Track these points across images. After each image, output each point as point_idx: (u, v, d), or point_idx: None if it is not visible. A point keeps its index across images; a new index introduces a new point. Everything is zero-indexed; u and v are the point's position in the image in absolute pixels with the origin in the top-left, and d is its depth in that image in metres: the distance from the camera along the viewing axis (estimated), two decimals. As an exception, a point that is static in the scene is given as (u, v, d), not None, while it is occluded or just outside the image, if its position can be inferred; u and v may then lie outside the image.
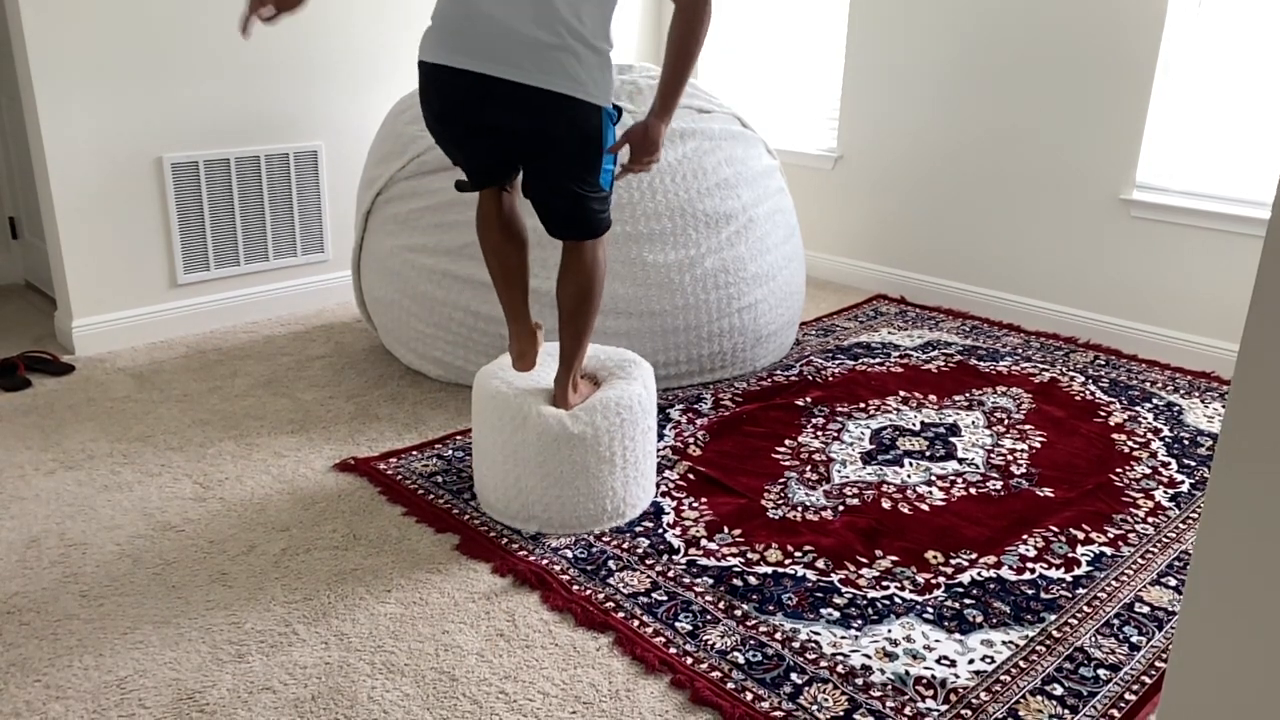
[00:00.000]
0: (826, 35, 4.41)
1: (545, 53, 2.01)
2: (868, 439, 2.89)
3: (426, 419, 2.99)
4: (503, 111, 2.06)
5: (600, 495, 2.37)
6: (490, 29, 2.01)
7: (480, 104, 2.07)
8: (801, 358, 3.53)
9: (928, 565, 2.27)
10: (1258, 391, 0.95)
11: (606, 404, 2.35)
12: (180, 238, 3.57)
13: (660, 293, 3.09)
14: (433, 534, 2.38)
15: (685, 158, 3.20)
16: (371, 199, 3.25)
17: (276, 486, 2.59)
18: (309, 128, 3.83)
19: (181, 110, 3.49)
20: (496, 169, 2.26)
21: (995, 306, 4.04)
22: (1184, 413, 3.14)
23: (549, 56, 2.01)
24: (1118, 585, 2.22)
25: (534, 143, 2.12)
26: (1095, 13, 3.55)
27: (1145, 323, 3.66)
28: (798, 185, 4.58)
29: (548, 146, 2.11)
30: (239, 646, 1.96)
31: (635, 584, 2.17)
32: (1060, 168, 3.76)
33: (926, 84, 4.07)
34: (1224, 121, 3.38)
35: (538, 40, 2.00)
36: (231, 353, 3.49)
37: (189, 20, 3.43)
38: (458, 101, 2.10)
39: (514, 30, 2.00)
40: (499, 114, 2.07)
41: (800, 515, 2.47)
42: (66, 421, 2.93)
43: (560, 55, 2.01)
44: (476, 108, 2.08)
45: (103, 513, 2.44)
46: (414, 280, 3.12)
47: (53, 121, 3.22)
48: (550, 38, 2.01)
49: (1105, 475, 2.71)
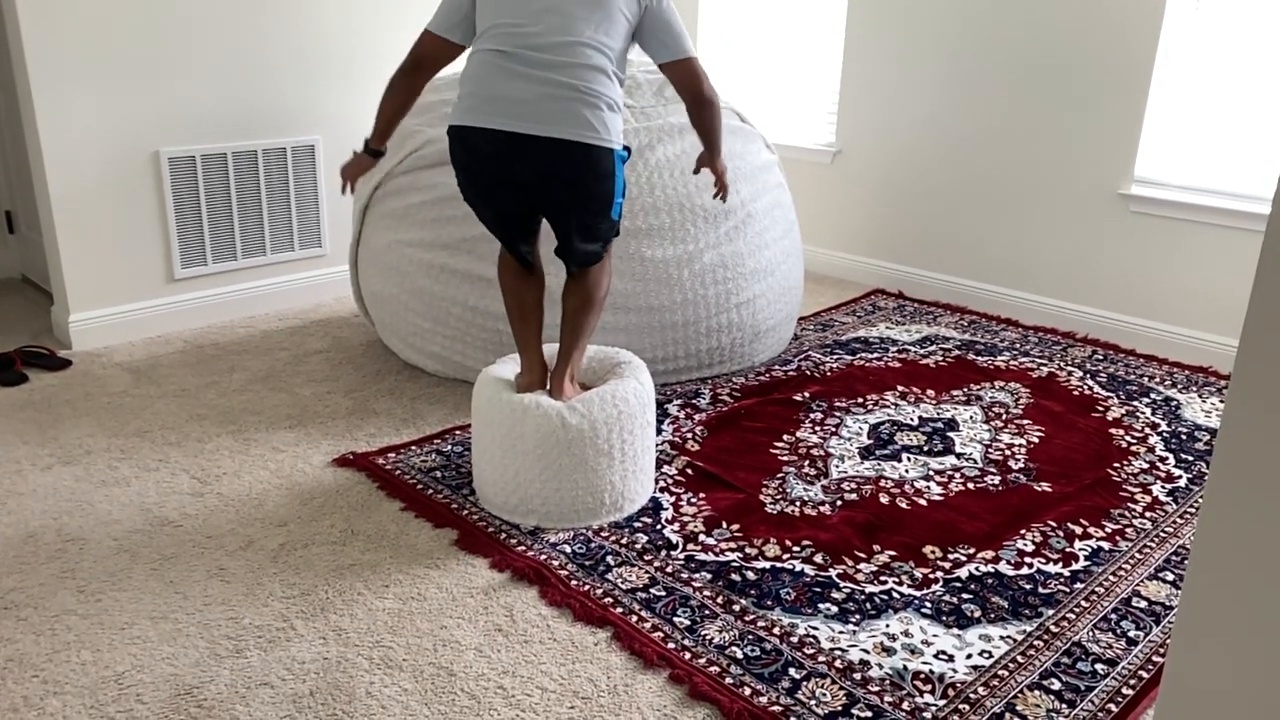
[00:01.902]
0: (825, 30, 4.41)
1: (562, 107, 2.23)
2: (866, 434, 2.89)
3: (424, 414, 2.99)
4: (527, 162, 2.26)
5: (599, 489, 2.37)
6: (512, 96, 2.24)
7: (508, 159, 2.27)
8: (800, 353, 3.52)
9: (926, 560, 2.27)
10: (1257, 386, 0.95)
11: (604, 397, 2.35)
12: (177, 232, 3.56)
13: (659, 288, 3.08)
14: (431, 529, 2.37)
15: (684, 153, 3.19)
16: (369, 194, 3.24)
17: (274, 482, 2.58)
18: (306, 122, 3.82)
19: (178, 104, 3.48)
20: (521, 222, 2.41)
21: (993, 301, 4.04)
22: (1182, 407, 3.14)
23: (566, 111, 2.23)
24: (1115, 580, 2.23)
25: (556, 187, 2.29)
26: (1094, 9, 3.55)
27: (1143, 317, 3.66)
28: (796, 180, 4.57)
29: (568, 187, 2.29)
30: (237, 642, 1.96)
31: (633, 579, 2.17)
32: (1059, 163, 3.76)
33: (925, 79, 4.06)
34: (1222, 117, 3.38)
35: (554, 98, 2.23)
36: (229, 348, 3.49)
37: (186, 14, 3.42)
38: (487, 156, 2.28)
39: (533, 97, 2.23)
40: (524, 165, 2.26)
41: (798, 510, 2.47)
42: (64, 417, 2.93)
43: (576, 107, 2.23)
44: (505, 162, 2.27)
45: (100, 508, 2.44)
46: (412, 275, 3.12)
47: (49, 115, 3.21)
48: (567, 95, 2.23)
49: (1103, 470, 2.72)
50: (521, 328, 2.50)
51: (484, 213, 2.43)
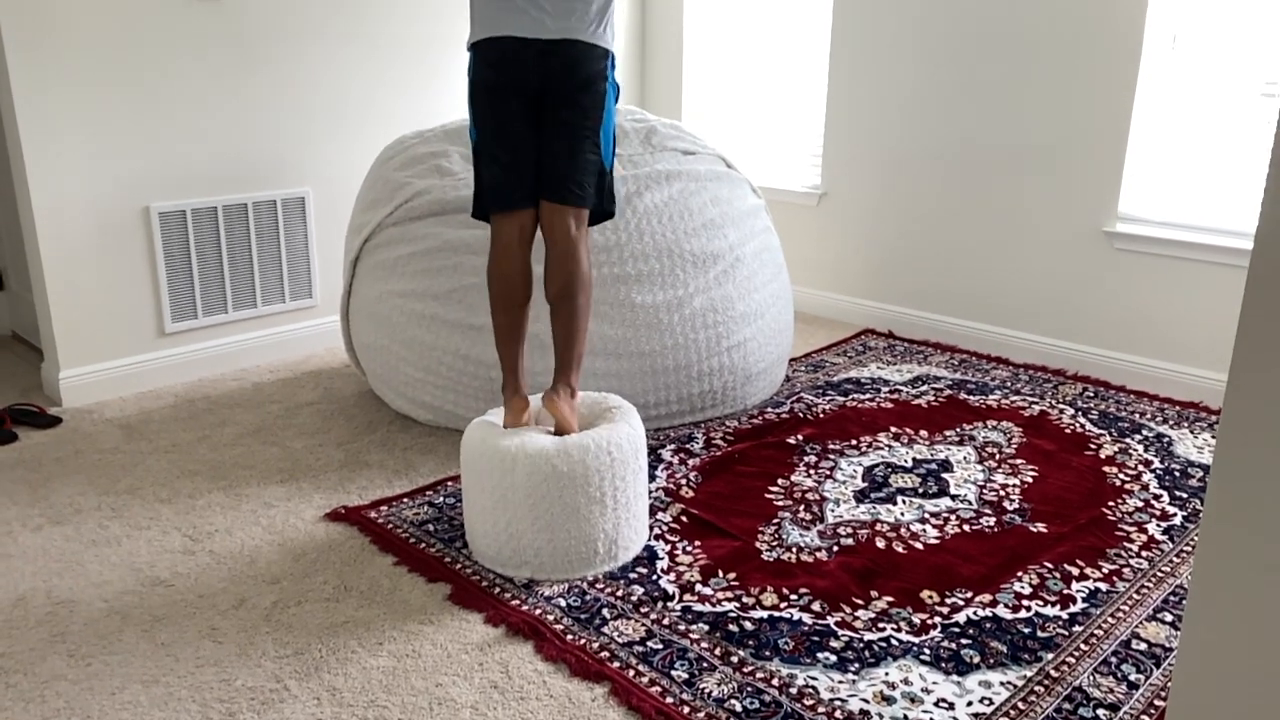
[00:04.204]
0: (808, 74, 4.46)
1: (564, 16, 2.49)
2: (860, 476, 2.89)
3: (416, 465, 2.98)
4: (543, 59, 2.50)
5: (592, 538, 2.36)
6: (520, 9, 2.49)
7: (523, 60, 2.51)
8: (792, 394, 3.53)
9: (923, 605, 2.26)
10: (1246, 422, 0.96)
11: (597, 443, 2.34)
12: (168, 286, 3.57)
13: (649, 333, 3.09)
14: (424, 583, 2.36)
15: (671, 199, 3.22)
16: (359, 245, 3.25)
17: (266, 538, 2.56)
18: (297, 174, 3.84)
19: (169, 159, 3.50)
20: (524, 145, 2.54)
21: (983, 339, 4.05)
22: (1174, 444, 3.14)
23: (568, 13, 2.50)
24: (1114, 622, 2.22)
25: (557, 80, 2.51)
26: (1072, 51, 3.60)
27: (1133, 353, 3.68)
28: (784, 222, 4.61)
29: (566, 80, 2.51)
30: (230, 705, 1.93)
31: (630, 632, 2.16)
32: (1043, 201, 3.80)
33: (908, 121, 4.11)
34: (1202, 153, 3.42)
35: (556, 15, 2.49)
36: (220, 401, 3.48)
37: (176, 69, 3.45)
38: (508, 59, 2.51)
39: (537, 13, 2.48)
40: (531, 68, 2.51)
41: (795, 557, 2.46)
42: (54, 475, 2.91)
43: (575, 20, 2.50)
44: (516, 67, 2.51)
45: (91, 569, 2.41)
46: (403, 325, 3.12)
47: (40, 172, 3.23)
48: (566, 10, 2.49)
49: (1098, 509, 2.72)
50: (508, 331, 2.56)
51: (494, 140, 2.54)
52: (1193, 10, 3.36)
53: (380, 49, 3.98)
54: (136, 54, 3.36)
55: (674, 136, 3.45)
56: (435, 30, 4.12)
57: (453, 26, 4.14)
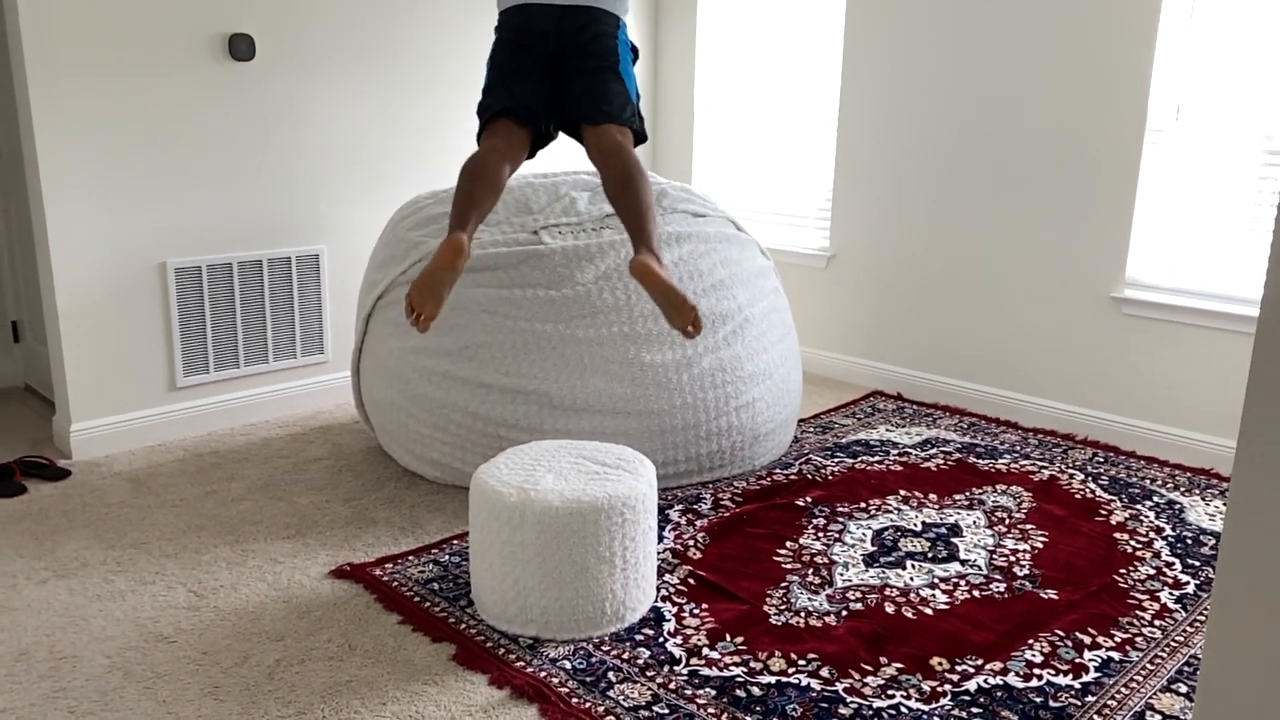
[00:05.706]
0: (816, 138, 4.53)
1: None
2: (869, 540, 2.87)
3: (423, 522, 2.97)
4: (559, 23, 2.81)
5: (599, 597, 2.34)
6: None
7: (543, 21, 2.81)
8: (800, 455, 3.52)
9: (933, 672, 2.23)
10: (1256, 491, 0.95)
11: (612, 503, 2.33)
12: (181, 341, 3.60)
13: (658, 392, 3.10)
14: (429, 643, 2.34)
15: (682, 260, 3.25)
16: (373, 302, 3.28)
17: (271, 594, 2.55)
18: (312, 232, 3.90)
19: (186, 216, 3.56)
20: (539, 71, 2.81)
21: (992, 403, 4.05)
22: (1185, 510, 3.12)
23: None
24: (1128, 693, 2.18)
25: (570, 38, 2.80)
26: (1079, 123, 3.66)
27: (1142, 419, 3.67)
28: (792, 283, 4.64)
29: (577, 35, 2.80)
30: (230, 765, 1.91)
31: (636, 696, 2.13)
32: (1051, 266, 3.83)
33: (916, 185, 4.16)
34: (1207, 221, 3.45)
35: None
36: (229, 455, 3.48)
37: (194, 128, 3.53)
38: (530, 19, 2.80)
39: None
40: (559, 27, 2.81)
41: (803, 621, 2.43)
42: (60, 529, 2.91)
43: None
44: (547, 27, 2.81)
45: (94, 623, 2.40)
46: (414, 381, 3.14)
47: (59, 227, 3.28)
48: None
49: (1109, 576, 2.69)
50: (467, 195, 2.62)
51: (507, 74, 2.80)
52: (1196, 81, 3.42)
53: (397, 112, 4.05)
54: (157, 112, 3.43)
55: (684, 199, 3.49)
56: (450, 97, 4.20)
57: (465, 96, 4.22)
